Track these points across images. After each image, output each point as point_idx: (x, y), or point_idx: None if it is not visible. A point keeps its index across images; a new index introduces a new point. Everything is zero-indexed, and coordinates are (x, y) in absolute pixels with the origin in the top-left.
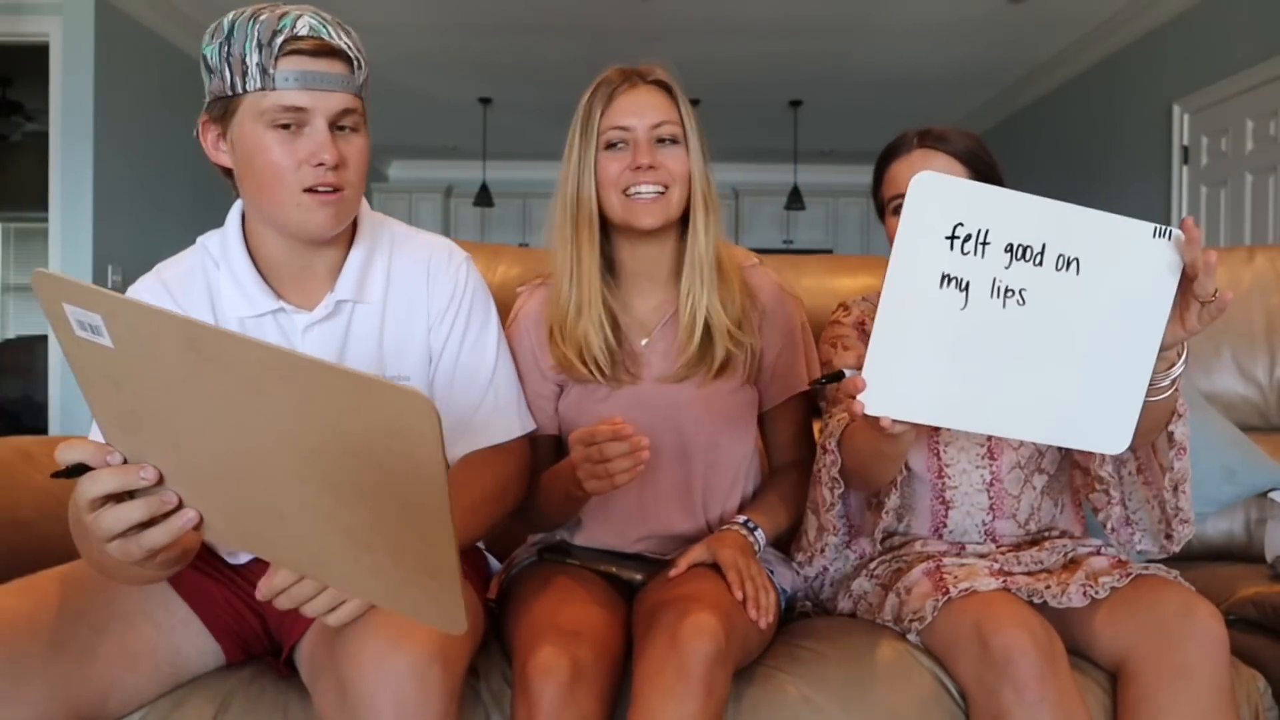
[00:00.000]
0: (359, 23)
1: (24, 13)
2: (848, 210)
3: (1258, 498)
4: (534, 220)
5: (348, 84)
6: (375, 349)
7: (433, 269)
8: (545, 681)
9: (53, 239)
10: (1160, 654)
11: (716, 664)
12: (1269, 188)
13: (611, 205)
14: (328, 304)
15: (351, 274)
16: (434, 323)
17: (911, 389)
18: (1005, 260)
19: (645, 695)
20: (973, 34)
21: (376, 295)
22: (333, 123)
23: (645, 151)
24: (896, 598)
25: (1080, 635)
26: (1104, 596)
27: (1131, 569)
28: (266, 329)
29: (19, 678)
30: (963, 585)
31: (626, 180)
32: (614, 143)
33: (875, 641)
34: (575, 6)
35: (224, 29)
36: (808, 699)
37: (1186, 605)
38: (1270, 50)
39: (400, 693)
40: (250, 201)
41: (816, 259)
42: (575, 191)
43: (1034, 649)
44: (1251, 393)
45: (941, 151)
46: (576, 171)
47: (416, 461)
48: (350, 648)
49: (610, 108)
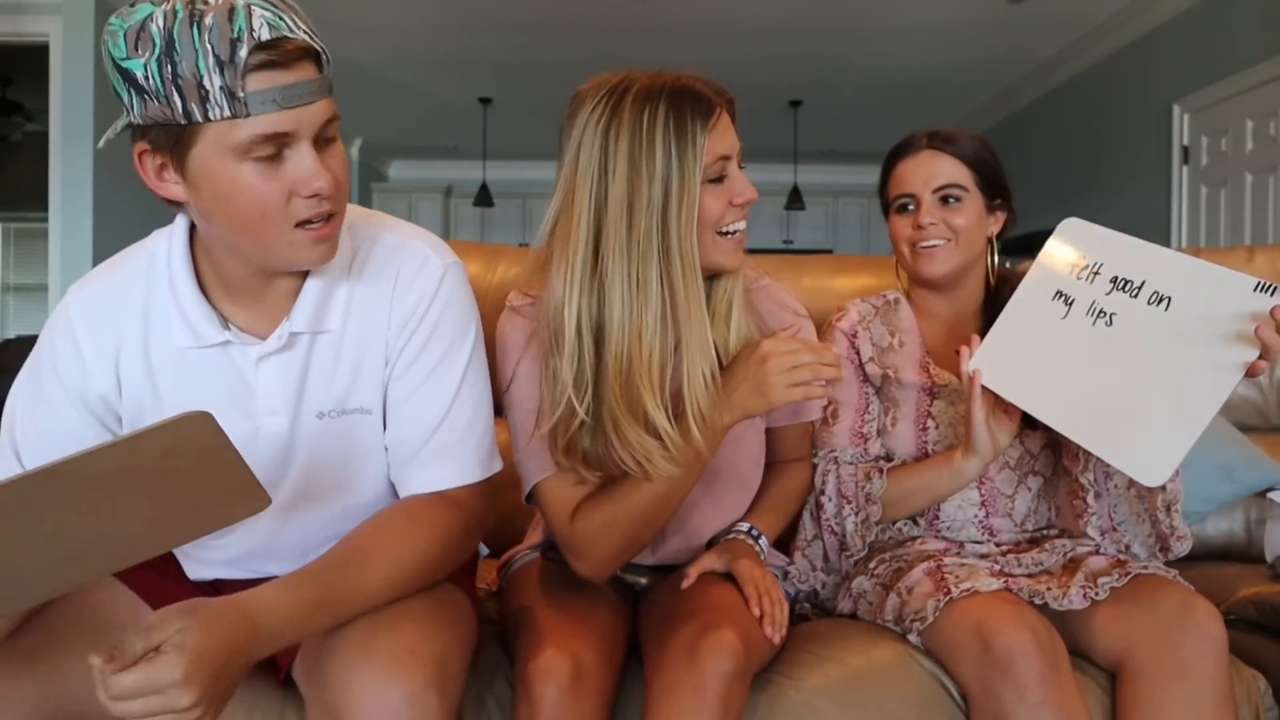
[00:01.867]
0: (359, 23)
1: (24, 13)
2: (848, 210)
3: (1256, 498)
4: (534, 220)
5: (324, 87)
6: (332, 381)
7: (400, 282)
8: (546, 683)
9: (53, 239)
10: (1159, 653)
11: (735, 681)
12: (1269, 188)
13: (704, 247)
14: (281, 335)
15: (307, 302)
16: (391, 337)
17: (1012, 373)
18: (1108, 288)
19: (661, 711)
20: (973, 34)
21: (335, 323)
22: (316, 138)
23: (743, 182)
24: (898, 598)
25: (1080, 635)
26: (1104, 598)
27: (1130, 568)
28: (209, 362)
29: None
30: (964, 585)
31: (730, 218)
32: (718, 177)
33: (875, 643)
34: (575, 6)
35: (153, 38)
36: (808, 702)
37: (1185, 604)
38: (1270, 50)
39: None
40: (223, 238)
41: (816, 259)
42: (666, 232)
43: (1036, 650)
44: (1251, 393)
45: (948, 154)
46: (666, 197)
47: (216, 468)
48: (340, 677)
49: (711, 132)
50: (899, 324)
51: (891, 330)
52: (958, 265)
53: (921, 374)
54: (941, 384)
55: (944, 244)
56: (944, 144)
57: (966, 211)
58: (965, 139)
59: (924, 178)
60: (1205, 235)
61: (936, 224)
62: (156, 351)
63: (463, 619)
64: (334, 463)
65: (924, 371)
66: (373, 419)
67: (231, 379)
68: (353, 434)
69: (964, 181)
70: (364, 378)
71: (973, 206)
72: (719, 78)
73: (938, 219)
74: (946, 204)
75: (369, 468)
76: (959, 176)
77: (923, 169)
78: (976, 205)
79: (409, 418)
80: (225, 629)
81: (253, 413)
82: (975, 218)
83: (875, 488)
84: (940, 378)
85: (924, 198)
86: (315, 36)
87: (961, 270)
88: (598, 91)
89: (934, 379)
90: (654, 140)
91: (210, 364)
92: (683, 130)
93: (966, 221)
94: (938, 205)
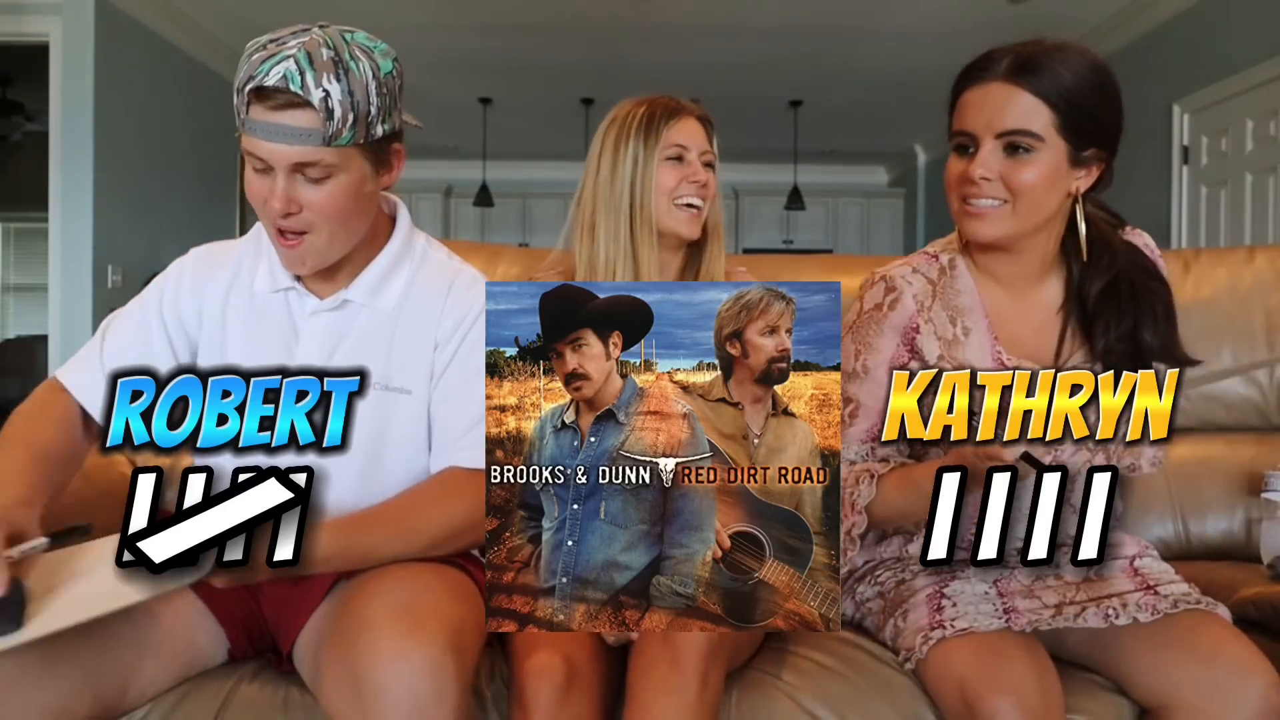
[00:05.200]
0: (359, 23)
1: (24, 13)
2: (848, 210)
3: (1255, 497)
4: (534, 220)
5: (311, 137)
6: (380, 356)
7: (454, 289)
8: (539, 683)
9: (53, 239)
10: (1212, 716)
11: (710, 656)
12: (1269, 188)
13: (660, 210)
14: (335, 299)
15: (370, 277)
16: (441, 341)
17: None
18: None
19: (639, 690)
20: (973, 34)
21: (391, 303)
22: (297, 170)
23: (700, 170)
24: (895, 625)
25: (1115, 662)
26: (1125, 623)
27: (1160, 600)
28: (274, 305)
29: (50, 663)
30: (960, 625)
31: (683, 190)
32: (674, 156)
33: (876, 654)
34: (575, 6)
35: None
36: (806, 710)
37: (1245, 668)
38: (1270, 50)
39: (416, 685)
40: None
41: (816, 259)
42: (632, 191)
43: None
44: (1251, 393)
45: (1027, 88)
46: (632, 173)
47: None
48: (364, 641)
49: (671, 127)
50: (959, 302)
51: (953, 315)
52: (1012, 231)
53: (995, 365)
54: None
55: (997, 205)
56: (1025, 74)
57: (1037, 165)
58: (1060, 68)
59: (988, 117)
60: (1205, 235)
61: (992, 179)
62: (236, 295)
63: (478, 601)
64: (369, 432)
65: (997, 362)
66: (411, 400)
67: (285, 326)
68: (391, 412)
69: (1040, 128)
70: (410, 359)
71: (1048, 160)
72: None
73: (994, 173)
74: (1013, 153)
75: (402, 450)
76: (1035, 121)
77: (989, 104)
78: (1055, 158)
79: (455, 407)
80: None
81: (289, 358)
82: (1049, 174)
83: (862, 495)
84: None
85: (985, 141)
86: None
87: (1023, 234)
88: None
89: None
90: (630, 129)
91: (274, 309)
92: (651, 122)
93: (1035, 179)
94: (1000, 154)
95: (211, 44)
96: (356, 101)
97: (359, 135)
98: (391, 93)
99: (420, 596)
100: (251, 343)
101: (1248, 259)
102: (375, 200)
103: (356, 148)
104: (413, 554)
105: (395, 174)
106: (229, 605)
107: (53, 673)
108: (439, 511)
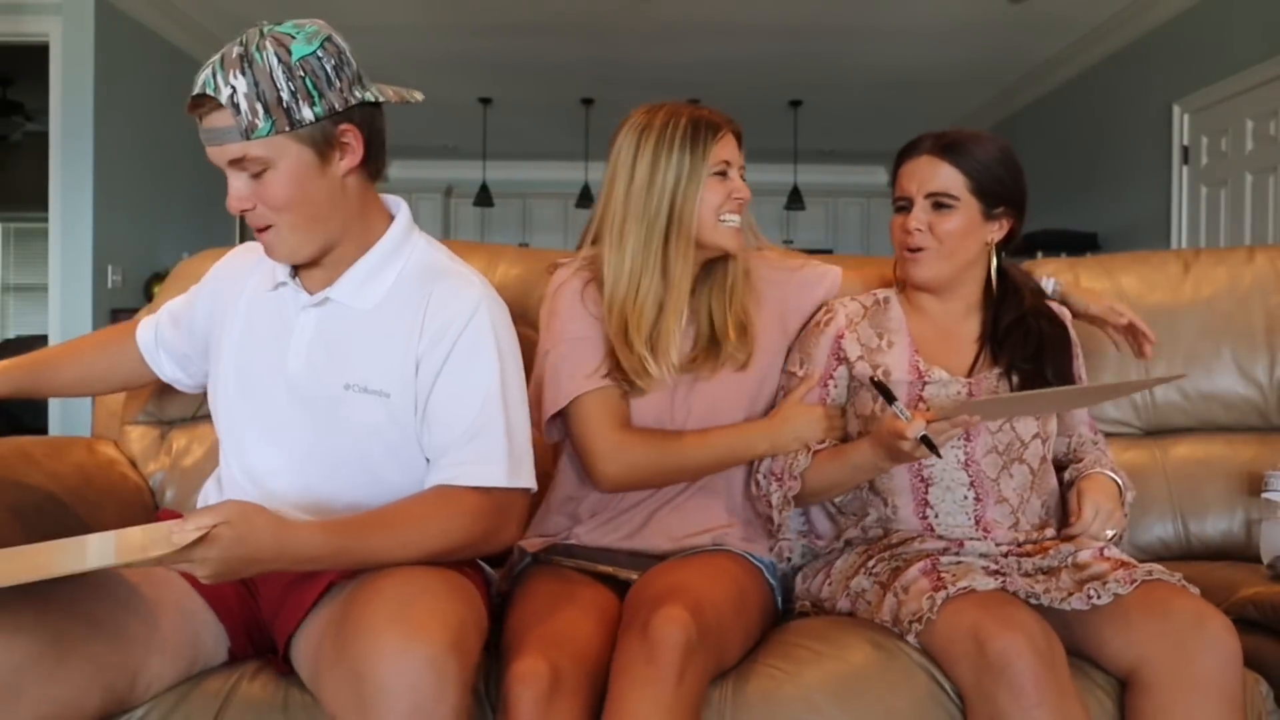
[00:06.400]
0: (359, 23)
1: (24, 13)
2: (848, 210)
3: (1255, 497)
4: (534, 220)
5: (229, 134)
6: (356, 355)
7: (435, 298)
8: (524, 688)
9: (53, 239)
10: (1174, 666)
11: (687, 652)
12: (1269, 188)
13: (705, 225)
14: (320, 295)
15: (353, 275)
16: (426, 346)
17: None
18: None
19: (618, 687)
20: (973, 34)
21: (370, 303)
22: (236, 167)
23: (741, 186)
24: (895, 598)
25: (1087, 639)
26: (1106, 602)
27: (1136, 574)
28: (273, 304)
29: (62, 657)
30: (960, 584)
31: (728, 206)
32: (719, 173)
33: (874, 641)
34: (575, 6)
35: None
36: (806, 698)
37: (1199, 616)
38: (1270, 50)
39: (417, 684)
40: None
41: (816, 259)
42: (672, 204)
43: (1031, 654)
44: (1252, 392)
45: (947, 161)
46: (674, 187)
47: None
48: (366, 641)
49: (716, 143)
50: (887, 324)
51: (880, 332)
52: (941, 272)
53: (912, 372)
54: (932, 380)
55: (928, 250)
56: (945, 151)
57: (957, 218)
58: (973, 147)
59: (918, 182)
60: (1205, 235)
61: (923, 230)
62: (248, 295)
63: (477, 604)
64: (357, 434)
65: (914, 369)
66: (390, 403)
67: (277, 322)
68: (374, 414)
69: (956, 190)
70: (386, 362)
71: (965, 214)
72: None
73: (924, 224)
74: (938, 209)
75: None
76: (952, 185)
77: (919, 173)
78: (970, 213)
79: (449, 418)
80: (255, 545)
81: (283, 352)
82: (966, 224)
83: (799, 464)
84: (931, 375)
85: (917, 200)
86: (241, 94)
87: (949, 276)
88: (637, 113)
89: (924, 376)
90: (674, 141)
91: (272, 306)
92: (697, 136)
93: (954, 227)
94: (929, 210)
95: (212, 44)
96: (262, 91)
97: (281, 124)
98: (314, 74)
99: (421, 597)
100: (252, 336)
101: (1248, 259)
102: (345, 187)
103: (285, 135)
104: (405, 563)
105: (353, 157)
106: (230, 605)
107: (64, 666)
108: (434, 526)
